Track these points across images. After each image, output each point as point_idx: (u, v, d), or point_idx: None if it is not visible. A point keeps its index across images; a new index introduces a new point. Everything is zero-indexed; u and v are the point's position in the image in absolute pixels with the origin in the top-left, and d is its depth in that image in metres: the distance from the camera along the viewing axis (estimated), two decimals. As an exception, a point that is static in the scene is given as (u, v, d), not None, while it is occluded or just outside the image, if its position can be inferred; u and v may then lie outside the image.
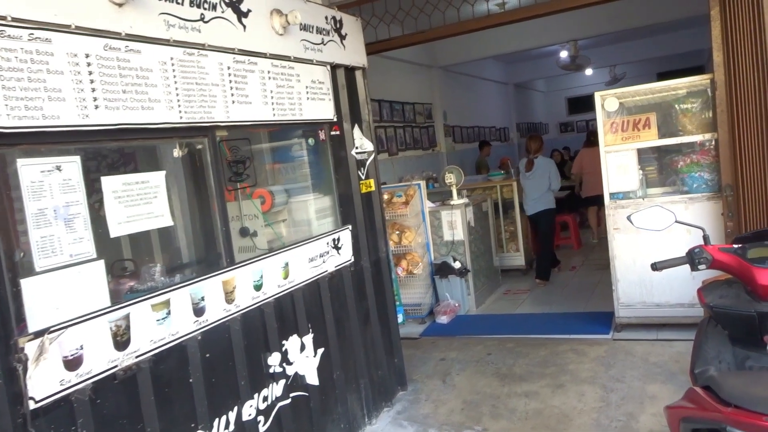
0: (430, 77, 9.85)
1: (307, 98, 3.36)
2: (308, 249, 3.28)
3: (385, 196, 6.05)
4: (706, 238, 2.32)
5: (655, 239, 4.62)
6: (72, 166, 1.98)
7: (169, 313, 2.33)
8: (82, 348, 1.94)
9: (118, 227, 2.16)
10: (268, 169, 3.59)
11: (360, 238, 3.84)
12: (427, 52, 9.60)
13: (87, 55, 2.04)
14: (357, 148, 3.89)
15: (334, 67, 3.67)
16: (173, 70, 2.42)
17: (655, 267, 2.34)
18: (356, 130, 3.91)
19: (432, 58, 9.75)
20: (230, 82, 2.75)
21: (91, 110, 2.02)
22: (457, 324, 5.64)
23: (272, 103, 3.05)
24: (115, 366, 2.06)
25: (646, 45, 13.04)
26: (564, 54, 12.26)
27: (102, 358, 2.02)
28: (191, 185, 2.73)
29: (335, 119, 3.66)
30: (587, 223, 10.05)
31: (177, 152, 2.58)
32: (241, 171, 2.88)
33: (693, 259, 2.24)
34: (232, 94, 2.76)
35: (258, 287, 2.86)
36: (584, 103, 17.43)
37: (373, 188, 4.05)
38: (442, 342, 5.14)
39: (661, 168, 4.82)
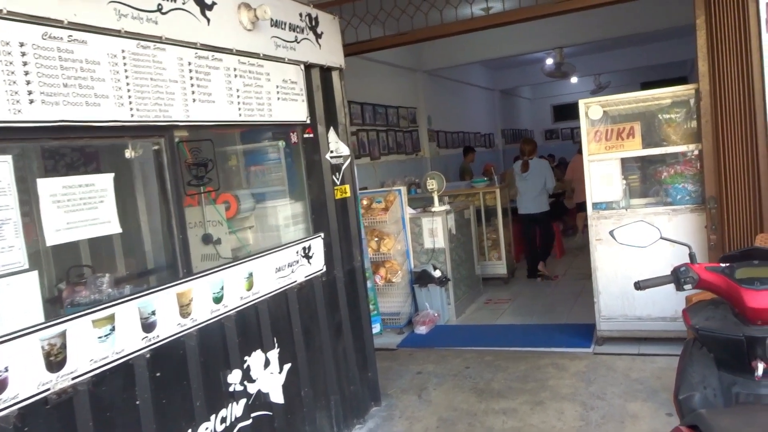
0: (415, 81, 9.71)
1: (278, 98, 3.19)
2: (276, 258, 3.10)
3: (365, 202, 5.89)
4: (692, 256, 2.18)
5: (637, 251, 4.49)
6: (2, 166, 1.79)
7: (113, 329, 2.14)
8: (6, 370, 1.74)
9: (56, 235, 1.97)
10: (234, 172, 3.41)
11: (333, 247, 3.67)
12: (412, 56, 9.47)
13: (21, 44, 1.85)
14: (332, 152, 3.72)
15: (308, 67, 3.50)
16: (124, 64, 2.24)
17: (639, 286, 2.19)
18: (331, 134, 3.74)
19: (417, 62, 9.62)
20: (191, 78, 2.57)
21: (24, 105, 1.83)
22: (436, 335, 5.48)
23: (239, 103, 2.87)
24: (47, 389, 1.87)
25: (631, 54, 13.03)
26: (549, 61, 12.21)
27: (31, 381, 1.82)
28: (145, 189, 2.55)
29: (308, 121, 3.49)
30: (570, 231, 9.99)
31: (129, 153, 2.39)
32: (203, 174, 2.70)
33: (678, 278, 2.10)
34: (193, 92, 2.58)
35: (218, 299, 2.67)
36: (569, 111, 17.41)
37: (348, 194, 3.89)
38: (420, 354, 4.97)
39: (645, 178, 4.70)
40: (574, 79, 16.33)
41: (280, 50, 3.21)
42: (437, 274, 5.80)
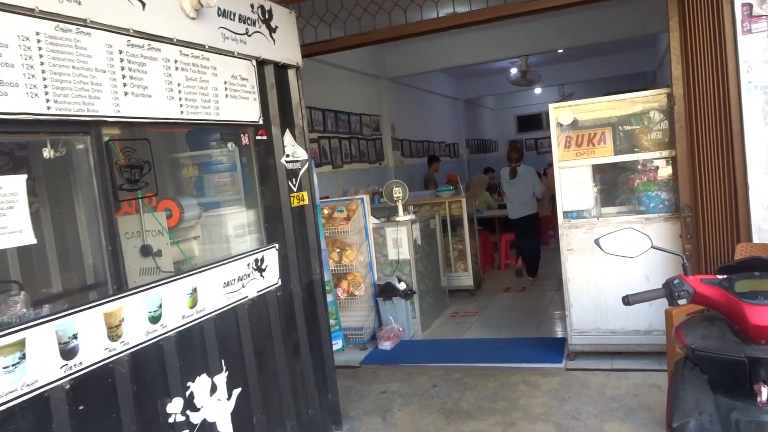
0: (378, 88, 9.49)
1: (227, 96, 2.89)
2: (224, 271, 2.79)
3: (325, 211, 5.60)
4: (685, 267, 1.97)
5: (611, 260, 4.32)
6: None
7: (23, 356, 1.81)
8: None
9: (-54, 246, 1.64)
10: (177, 177, 3.09)
11: (290, 259, 3.37)
12: (375, 62, 9.26)
13: None
14: (288, 156, 3.43)
15: (261, 63, 3.22)
16: (39, 48, 1.92)
17: (628, 301, 1.96)
18: (287, 136, 3.46)
19: (380, 69, 9.41)
20: (123, 69, 2.27)
21: None
22: (401, 350, 5.21)
23: (180, 99, 2.57)
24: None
25: (594, 65, 13.10)
26: (514, 70, 12.16)
27: None
28: (68, 194, 2.22)
29: (261, 122, 3.20)
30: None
31: (48, 152, 2.07)
32: (138, 178, 2.39)
33: (672, 292, 1.88)
34: (125, 84, 2.27)
35: (155, 319, 2.35)
36: (533, 122, 17.50)
37: (306, 202, 3.60)
38: (384, 371, 4.69)
39: (616, 186, 4.54)
40: (538, 90, 16.42)
41: (228, 43, 2.92)
42: (402, 286, 5.55)
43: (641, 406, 3.59)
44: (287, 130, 3.47)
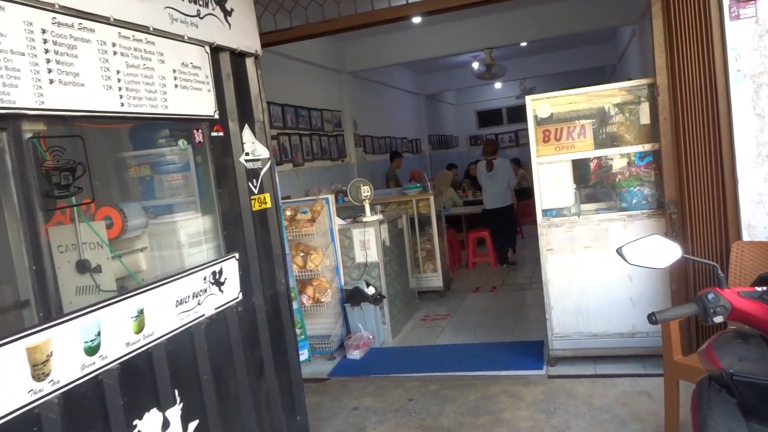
0: (339, 83, 9.15)
1: (176, 86, 2.52)
2: (176, 288, 2.43)
3: (288, 213, 5.24)
4: (720, 279, 1.70)
5: (592, 261, 4.12)
6: None
7: None
8: None
9: None
10: (119, 180, 2.71)
11: (251, 269, 3.02)
12: (336, 56, 8.91)
13: None
14: (248, 154, 3.08)
15: (215, 50, 2.86)
16: (-68, 22, 1.53)
17: (654, 319, 1.69)
18: (247, 132, 3.10)
19: (340, 62, 9.07)
20: (47, 52, 1.88)
21: None
22: (371, 359, 4.91)
23: (120, 88, 2.19)
24: None
25: (554, 60, 13.05)
26: (476, 65, 11.98)
27: None
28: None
29: (217, 116, 2.83)
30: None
31: (-50, 152, 1.68)
32: (69, 182, 2.01)
33: (705, 308, 1.62)
34: (51, 70, 1.89)
35: (92, 350, 1.98)
36: (494, 117, 17.43)
37: (269, 205, 3.25)
38: (355, 384, 4.37)
39: (597, 182, 4.33)
40: (498, 85, 16.37)
41: (177, 25, 2.55)
42: (371, 291, 5.24)
43: (633, 416, 3.37)
44: (246, 125, 3.12)
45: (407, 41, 9.06)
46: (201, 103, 2.71)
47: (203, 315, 2.60)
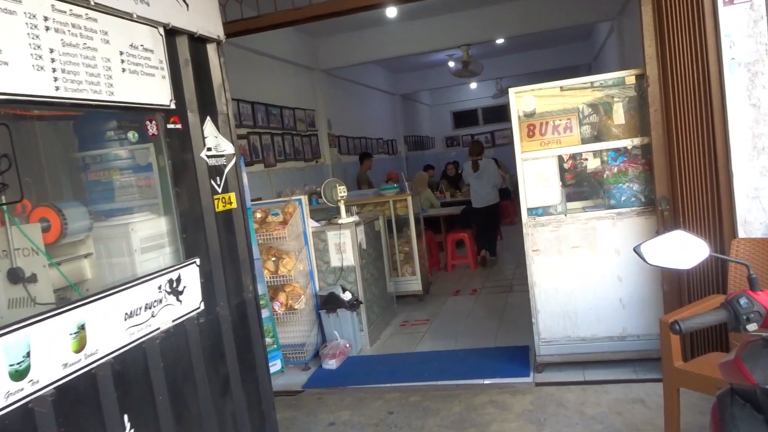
0: (312, 81, 8.86)
1: (124, 70, 2.24)
2: (126, 299, 2.14)
3: (258, 215, 4.95)
4: (752, 280, 1.47)
5: (580, 261, 3.91)
6: None
7: None
8: None
9: None
10: (57, 176, 2.40)
11: (215, 275, 2.74)
12: (308, 52, 8.63)
13: None
14: (210, 149, 2.80)
15: (171, 33, 2.57)
16: None
17: (678, 328, 1.45)
18: (208, 126, 2.82)
19: (314, 60, 8.79)
20: (-42, 22, 1.59)
21: None
22: (348, 369, 4.64)
23: (54, 69, 1.90)
24: None
25: (530, 59, 12.95)
26: (452, 64, 11.80)
27: None
28: None
29: (174, 106, 2.55)
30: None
31: None
32: (-9, 178, 1.71)
33: (737, 314, 1.39)
34: (-37, 45, 1.59)
35: (20, 374, 1.69)
36: (469, 118, 17.29)
37: (234, 205, 2.97)
38: (331, 397, 4.10)
39: (583, 179, 4.13)
40: (473, 85, 16.25)
41: (125, 2, 2.26)
42: (347, 296, 4.97)
43: (628, 426, 3.16)
44: (208, 118, 2.83)
45: (382, 38, 8.83)
46: (154, 90, 2.42)
47: (158, 328, 2.31)
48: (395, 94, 13.62)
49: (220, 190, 2.85)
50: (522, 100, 3.94)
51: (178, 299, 2.43)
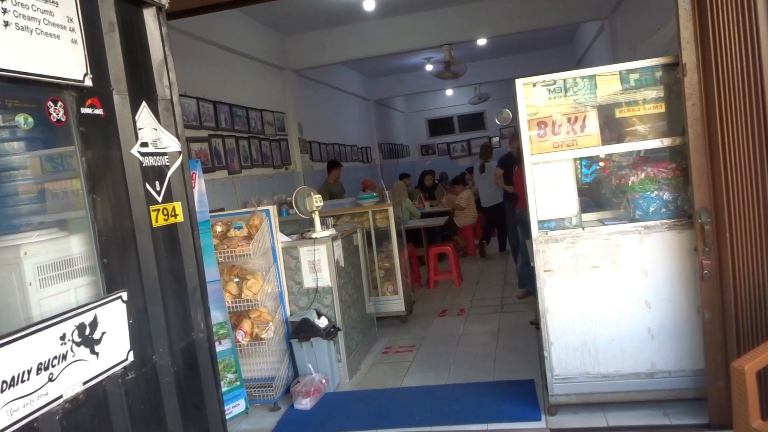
0: (282, 81, 8.18)
1: (7, 24, 1.55)
2: (3, 360, 1.44)
3: (219, 228, 4.25)
4: None
5: (601, 283, 3.31)
6: None
7: None
8: None
9: None
10: None
11: (151, 313, 2.05)
12: (278, 51, 7.95)
13: None
14: (146, 145, 2.11)
15: (88, -15, 1.89)
16: None
17: None
18: (144, 114, 2.14)
19: (283, 59, 8.11)
20: None
21: None
22: (325, 409, 3.95)
23: None
24: None
25: (509, 64, 12.49)
26: (429, 68, 11.25)
27: None
28: None
29: (90, 83, 1.86)
30: (462, 252, 8.99)
31: None
32: None
33: None
34: None
35: None
36: (445, 125, 16.77)
37: (180, 218, 2.29)
38: (305, 448, 3.41)
39: (601, 186, 3.55)
40: (449, 92, 15.75)
41: (11, -74, 1.57)
42: (323, 322, 4.29)
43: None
44: (144, 103, 2.15)
45: (358, 36, 8.21)
46: (59, 59, 1.73)
47: (60, 397, 1.61)
48: (369, 100, 13.01)
49: (159, 199, 2.16)
50: (531, 93, 3.33)
51: (92, 351, 1.74)
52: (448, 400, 3.86)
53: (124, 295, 1.91)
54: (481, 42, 9.18)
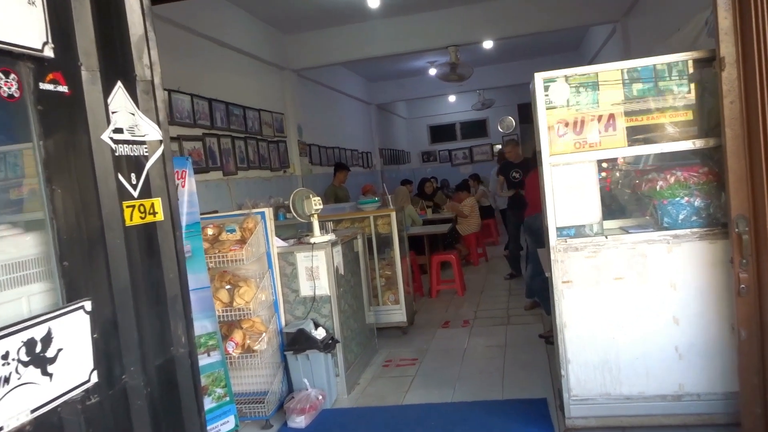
0: (282, 81, 7.92)
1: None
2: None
3: (210, 231, 3.96)
4: None
5: (625, 296, 3.03)
6: None
7: None
8: None
9: None
10: None
11: (122, 325, 1.77)
12: (278, 49, 7.70)
13: None
14: (120, 131, 1.84)
15: (52, -62, 1.62)
16: None
17: None
18: (119, 95, 1.86)
19: (283, 58, 7.85)
20: None
21: None
22: (321, 428, 3.66)
23: None
24: None
25: (513, 70, 12.28)
26: (433, 71, 11.00)
27: None
28: None
29: (51, 54, 1.59)
30: (466, 258, 8.74)
31: None
32: None
33: None
34: None
35: None
36: (447, 132, 16.52)
37: (159, 216, 2.01)
38: (298, 473, 3.11)
39: (625, 190, 3.28)
40: (452, 98, 15.54)
41: None
42: (320, 333, 4.00)
43: None
44: (119, 83, 1.87)
45: (360, 36, 7.96)
46: (11, 23, 1.45)
47: (0, 429, 1.32)
48: (371, 104, 12.75)
49: (135, 194, 1.88)
50: (552, 88, 3.06)
51: (44, 372, 1.45)
52: (455, 419, 3.57)
53: (88, 305, 1.62)
54: (488, 45, 8.93)
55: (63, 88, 1.63)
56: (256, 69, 7.22)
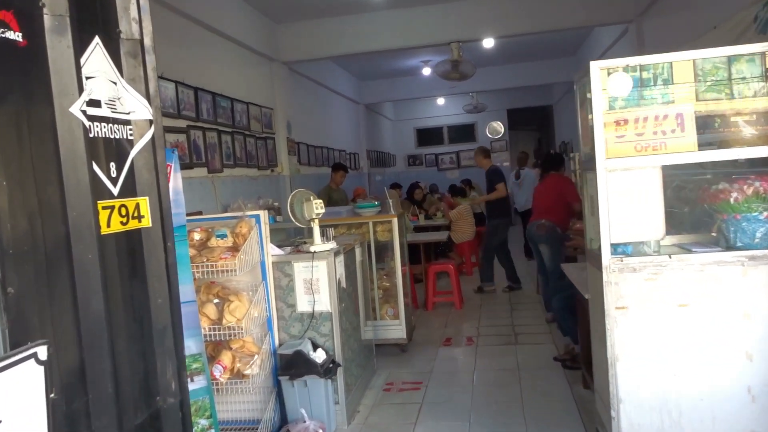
0: (271, 74, 7.39)
1: None
2: None
3: (197, 236, 3.44)
4: None
5: (690, 326, 2.59)
6: None
7: None
8: None
9: None
10: None
11: (91, 377, 1.25)
12: (268, 39, 7.17)
13: None
14: (97, 104, 1.32)
15: None
16: None
17: None
18: (96, 54, 1.36)
19: (274, 48, 7.32)
20: None
21: None
22: (320, 468, 3.15)
23: None
24: None
25: (506, 73, 11.94)
26: (428, 70, 10.59)
27: None
28: None
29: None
30: (460, 268, 8.28)
31: None
32: None
33: None
34: None
35: None
36: (434, 136, 16.11)
37: (147, 222, 1.50)
38: None
39: (688, 202, 2.86)
40: (440, 101, 15.17)
41: None
42: (320, 356, 3.50)
43: None
44: (97, 38, 1.36)
45: (355, 29, 7.47)
46: None
47: None
48: (360, 104, 12.26)
49: (116, 191, 1.37)
50: (611, 81, 2.61)
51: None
52: (478, 462, 3.10)
53: (42, 352, 1.11)
54: (488, 44, 8.51)
55: (15, 36, 1.12)
56: (246, 59, 6.69)
